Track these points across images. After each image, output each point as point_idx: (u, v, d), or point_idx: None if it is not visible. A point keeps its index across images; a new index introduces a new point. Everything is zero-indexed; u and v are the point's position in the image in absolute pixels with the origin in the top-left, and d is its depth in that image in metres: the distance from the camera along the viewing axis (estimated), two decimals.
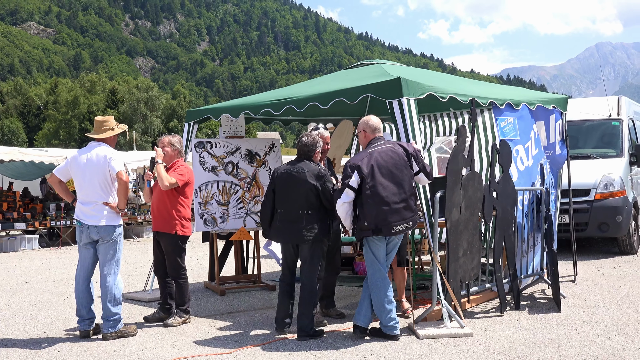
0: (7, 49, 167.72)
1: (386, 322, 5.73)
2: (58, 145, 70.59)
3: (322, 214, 5.98)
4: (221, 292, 8.34)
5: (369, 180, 5.66)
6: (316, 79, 9.29)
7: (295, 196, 5.94)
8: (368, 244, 5.85)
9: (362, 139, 6.04)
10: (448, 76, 9.28)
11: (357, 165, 5.70)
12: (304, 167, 5.98)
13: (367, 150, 5.86)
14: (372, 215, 5.64)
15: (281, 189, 6.03)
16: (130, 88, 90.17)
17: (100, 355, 5.61)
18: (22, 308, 7.90)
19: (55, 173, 6.37)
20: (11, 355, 5.69)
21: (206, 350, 5.68)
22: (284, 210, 6.01)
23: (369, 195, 5.65)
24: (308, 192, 5.91)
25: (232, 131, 8.71)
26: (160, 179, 6.55)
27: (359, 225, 5.74)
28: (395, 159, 5.76)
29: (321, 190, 5.91)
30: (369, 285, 5.84)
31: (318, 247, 6.01)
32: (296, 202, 5.94)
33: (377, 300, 5.75)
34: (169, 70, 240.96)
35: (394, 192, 5.69)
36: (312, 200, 5.93)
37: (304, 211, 5.92)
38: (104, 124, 6.39)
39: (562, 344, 5.51)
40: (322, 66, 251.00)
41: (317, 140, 6.10)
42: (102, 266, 6.22)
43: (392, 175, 5.71)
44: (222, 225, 8.37)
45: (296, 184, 5.95)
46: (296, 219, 5.93)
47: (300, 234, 5.91)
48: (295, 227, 5.93)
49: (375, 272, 5.81)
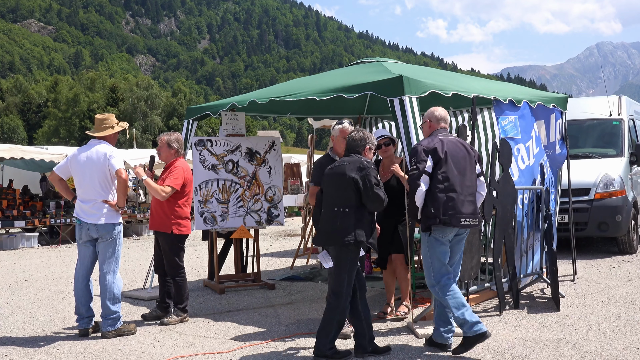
0: (8, 46, 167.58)
1: (470, 318, 5.18)
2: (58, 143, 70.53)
3: (361, 213, 5.21)
4: (220, 291, 8.33)
5: (442, 165, 5.27)
6: (317, 75, 9.27)
7: (334, 191, 5.32)
8: (431, 238, 5.36)
9: (426, 130, 5.66)
10: (450, 73, 9.28)
11: (432, 149, 5.28)
12: (346, 160, 5.34)
13: (433, 137, 5.45)
14: (442, 203, 5.22)
15: (324, 187, 5.46)
16: (131, 86, 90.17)
17: (99, 353, 5.61)
18: (22, 306, 7.90)
19: (56, 171, 6.37)
20: (10, 353, 5.69)
21: (205, 348, 5.68)
22: (325, 209, 5.38)
23: (441, 181, 5.25)
24: (346, 186, 5.21)
25: (233, 129, 8.70)
26: (155, 193, 6.55)
27: (425, 212, 5.26)
28: (463, 152, 5.42)
29: (361, 184, 5.16)
30: (440, 286, 5.32)
31: (348, 252, 5.19)
32: (334, 198, 5.31)
33: (455, 299, 5.26)
34: (169, 68, 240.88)
35: (464, 184, 5.34)
36: (350, 196, 5.19)
37: (339, 209, 5.23)
38: (104, 121, 6.39)
39: (561, 344, 5.51)
40: (323, 64, 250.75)
41: (367, 135, 5.54)
42: (102, 264, 6.22)
43: (462, 166, 5.36)
44: (221, 223, 8.36)
45: (335, 178, 5.30)
46: (331, 218, 5.27)
47: (331, 235, 5.24)
48: (329, 227, 5.27)
49: (445, 273, 5.35)
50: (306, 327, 6.37)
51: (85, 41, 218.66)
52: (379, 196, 5.16)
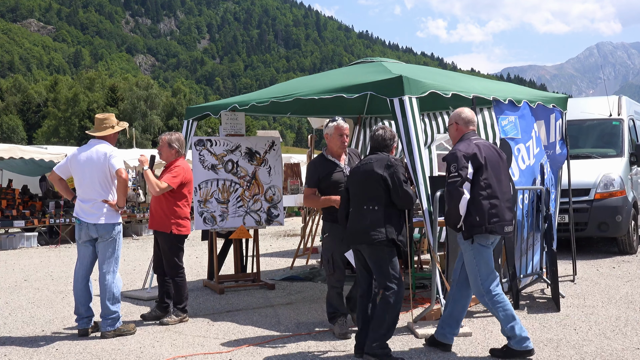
0: (7, 45, 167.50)
1: (520, 332, 5.08)
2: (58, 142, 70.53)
3: (391, 211, 5.16)
4: (220, 291, 8.33)
5: (483, 172, 5.14)
6: (317, 75, 9.26)
7: (361, 190, 5.23)
8: (475, 244, 5.19)
9: (454, 133, 5.49)
10: (450, 72, 9.27)
11: (472, 155, 5.13)
12: (373, 157, 5.26)
13: (469, 141, 5.29)
14: (486, 211, 5.09)
15: (351, 185, 5.35)
16: (130, 86, 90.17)
17: (98, 353, 5.60)
18: (21, 306, 7.90)
19: (56, 170, 6.37)
20: (9, 353, 5.68)
21: (205, 349, 5.67)
22: (353, 208, 5.30)
23: (483, 188, 5.11)
24: (374, 183, 5.14)
25: (232, 129, 8.70)
26: (151, 186, 6.54)
27: (469, 221, 5.10)
28: (496, 156, 5.30)
29: (390, 181, 5.10)
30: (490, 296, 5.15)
31: (383, 249, 5.12)
32: (361, 196, 5.22)
33: (506, 311, 5.12)
34: (169, 68, 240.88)
35: (502, 190, 5.23)
36: (379, 194, 5.13)
37: (369, 206, 5.15)
38: (104, 121, 6.38)
39: (561, 344, 5.50)
40: (323, 64, 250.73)
41: (394, 134, 5.42)
42: (101, 264, 6.21)
43: (498, 172, 5.25)
44: (221, 223, 8.36)
45: (363, 175, 5.22)
46: (360, 217, 5.20)
47: (361, 234, 5.16)
48: (359, 226, 5.19)
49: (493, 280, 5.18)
50: (306, 327, 6.36)
51: (85, 41, 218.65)
52: (408, 193, 5.11)
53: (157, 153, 7.04)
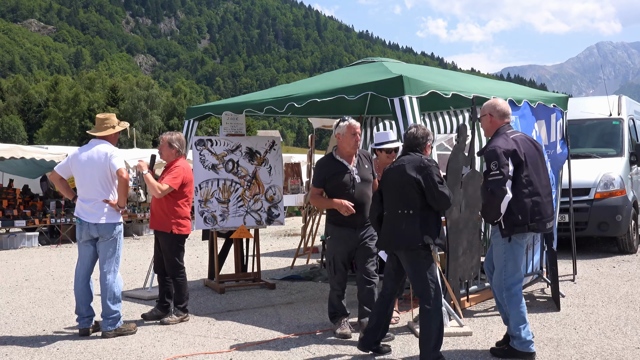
0: (8, 46, 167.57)
1: (526, 336, 5.07)
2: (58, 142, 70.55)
3: (426, 214, 4.99)
4: (221, 290, 8.34)
5: (524, 169, 5.04)
6: (318, 76, 9.29)
7: (395, 193, 5.08)
8: (512, 244, 5.12)
9: (487, 125, 5.37)
10: (450, 72, 9.28)
11: (512, 151, 5.02)
12: (405, 159, 5.08)
13: (506, 136, 5.18)
14: (528, 209, 5.02)
15: (384, 188, 5.21)
16: (131, 85, 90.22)
17: (99, 353, 5.61)
18: (22, 305, 7.91)
19: (57, 170, 6.37)
20: (10, 352, 5.69)
21: (205, 348, 5.68)
22: (388, 212, 5.15)
23: (525, 185, 5.02)
24: (407, 186, 4.97)
25: (233, 129, 8.70)
26: (152, 189, 6.55)
27: (511, 220, 5.02)
28: (534, 150, 5.20)
29: (424, 184, 4.93)
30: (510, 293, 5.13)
31: (420, 255, 4.98)
32: (395, 200, 5.06)
33: (519, 311, 5.10)
34: (169, 67, 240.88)
35: (543, 184, 5.15)
36: (413, 197, 4.96)
37: (403, 210, 4.99)
38: (105, 121, 6.39)
39: (561, 343, 5.51)
40: (323, 64, 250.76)
41: (428, 132, 5.24)
42: (102, 264, 6.22)
43: (537, 166, 5.16)
44: (222, 223, 8.37)
45: (396, 179, 5.06)
46: (395, 221, 5.04)
47: (397, 239, 5.02)
48: (394, 231, 5.04)
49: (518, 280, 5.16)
50: (306, 326, 6.37)
51: (86, 41, 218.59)
52: (444, 195, 4.93)
53: (158, 153, 7.05)
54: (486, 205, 5.11)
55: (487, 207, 5.12)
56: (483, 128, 5.49)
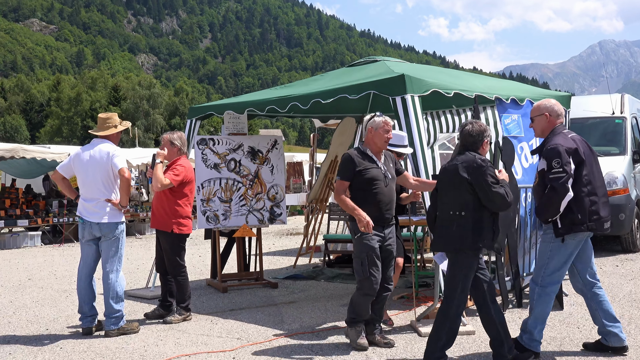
0: (10, 45, 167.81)
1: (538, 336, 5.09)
2: (61, 142, 70.68)
3: (479, 216, 4.81)
4: (223, 290, 8.34)
5: (584, 168, 4.98)
6: (320, 75, 9.29)
7: (447, 194, 4.93)
8: (564, 244, 5.07)
9: (544, 124, 5.25)
10: (452, 71, 9.26)
11: (573, 150, 4.96)
12: (459, 159, 4.92)
13: (564, 135, 5.11)
14: (587, 208, 4.95)
15: (439, 188, 5.07)
16: (133, 85, 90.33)
17: (102, 352, 5.61)
18: (25, 305, 7.92)
19: (59, 170, 6.38)
20: (14, 352, 5.70)
21: (208, 347, 5.68)
22: (440, 213, 5.00)
23: (584, 184, 4.95)
24: (460, 187, 4.82)
25: (235, 128, 8.71)
26: (155, 179, 6.56)
27: (569, 218, 4.95)
28: (589, 150, 5.15)
29: (477, 185, 4.76)
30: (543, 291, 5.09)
31: (466, 258, 4.83)
32: (448, 200, 4.92)
33: (543, 311, 5.08)
34: (171, 67, 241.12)
35: (599, 185, 5.08)
36: (465, 198, 4.80)
37: (455, 212, 4.84)
38: (107, 121, 6.40)
39: (564, 342, 5.50)
40: (325, 63, 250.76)
41: (484, 128, 5.05)
42: (105, 263, 6.23)
43: (596, 166, 5.11)
44: (224, 222, 8.37)
45: (449, 179, 4.91)
46: (446, 223, 4.89)
47: (448, 240, 4.89)
48: (444, 232, 4.90)
49: (556, 281, 5.11)
50: (309, 325, 6.37)
51: (87, 40, 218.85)
52: (499, 194, 4.75)
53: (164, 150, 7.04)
54: (545, 203, 4.96)
55: (545, 205, 4.98)
56: (537, 128, 5.36)
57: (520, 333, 5.14)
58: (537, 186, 5.16)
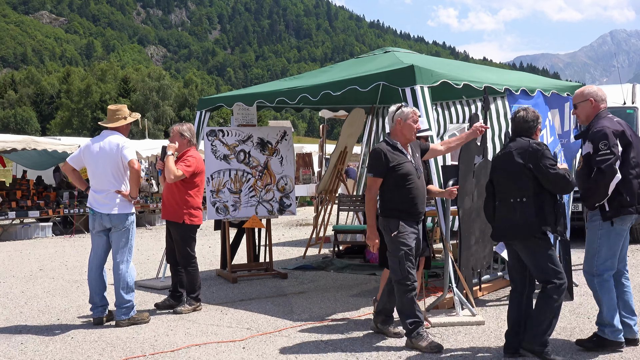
0: (20, 38, 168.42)
1: (617, 324, 4.97)
2: (71, 134, 70.96)
3: (541, 200, 4.77)
4: (233, 280, 8.37)
5: (631, 150, 4.85)
6: (329, 66, 9.28)
7: (506, 182, 4.89)
8: (613, 228, 4.92)
9: (588, 109, 5.13)
10: (462, 63, 9.23)
11: (620, 132, 4.84)
12: (512, 145, 4.88)
13: (610, 119, 5.00)
14: (635, 190, 4.82)
15: (494, 176, 5.02)
16: (143, 77, 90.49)
17: (113, 341, 5.65)
18: (36, 295, 7.97)
19: (69, 161, 6.40)
20: (25, 341, 5.75)
21: (218, 337, 5.71)
22: (499, 201, 4.96)
23: (632, 167, 4.83)
24: (518, 174, 4.78)
25: (244, 119, 8.71)
26: (167, 171, 6.57)
27: (618, 201, 4.82)
28: (635, 134, 5.01)
29: (536, 170, 4.72)
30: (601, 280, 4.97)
31: (538, 243, 4.76)
32: (507, 188, 4.88)
33: (611, 298, 4.97)
34: (180, 58, 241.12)
35: None
36: (525, 184, 4.76)
37: (516, 199, 4.80)
38: (116, 112, 6.41)
39: (574, 332, 5.50)
40: (334, 54, 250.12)
41: (538, 114, 4.99)
42: (115, 254, 6.26)
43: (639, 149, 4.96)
44: (234, 213, 8.39)
45: (505, 167, 4.87)
46: (508, 211, 4.84)
47: (512, 229, 4.83)
48: (508, 220, 4.85)
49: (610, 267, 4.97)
50: (319, 316, 6.38)
51: (97, 32, 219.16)
52: (560, 176, 4.69)
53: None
54: (591, 186, 4.81)
55: (592, 189, 4.83)
56: (581, 114, 5.24)
57: (601, 328, 5.00)
58: (580, 171, 5.03)
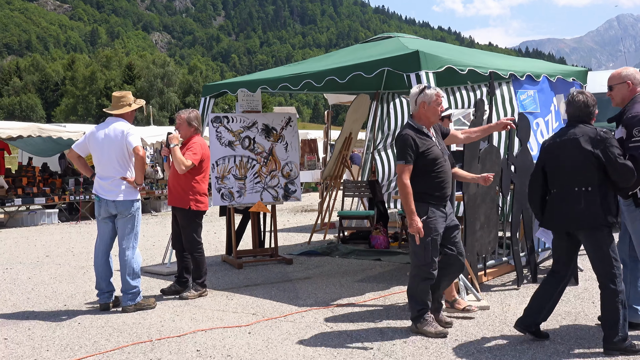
0: (25, 25, 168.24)
1: None
2: (76, 120, 71.05)
3: (605, 191, 4.62)
4: (238, 266, 8.40)
5: None
6: (333, 52, 9.25)
7: (569, 170, 4.68)
8: None
9: (625, 92, 5.06)
10: (467, 49, 9.20)
11: None
12: (576, 132, 4.69)
13: None
14: None
15: (552, 165, 4.79)
16: (147, 63, 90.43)
17: (119, 327, 5.69)
18: (43, 281, 8.02)
19: (74, 148, 6.41)
20: (33, 327, 5.79)
21: (224, 322, 5.74)
22: (557, 190, 4.76)
23: None
24: (585, 162, 4.59)
25: (249, 106, 8.71)
26: (177, 163, 6.57)
27: None
28: None
29: (603, 158, 4.55)
30: None
31: (603, 234, 4.61)
32: (570, 177, 4.67)
33: None
34: (185, 45, 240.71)
35: None
36: (592, 173, 4.59)
37: (581, 188, 4.62)
38: (121, 99, 6.41)
39: (579, 317, 5.50)
40: (339, 40, 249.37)
41: (595, 99, 4.84)
42: (121, 240, 6.28)
43: None
44: (239, 199, 8.40)
45: (567, 154, 4.68)
46: (572, 199, 4.65)
47: (578, 218, 4.63)
48: (571, 210, 4.66)
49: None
50: (324, 301, 6.40)
51: (101, 19, 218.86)
52: (627, 167, 4.53)
53: (175, 130, 7.06)
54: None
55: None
56: (616, 97, 5.11)
57: None
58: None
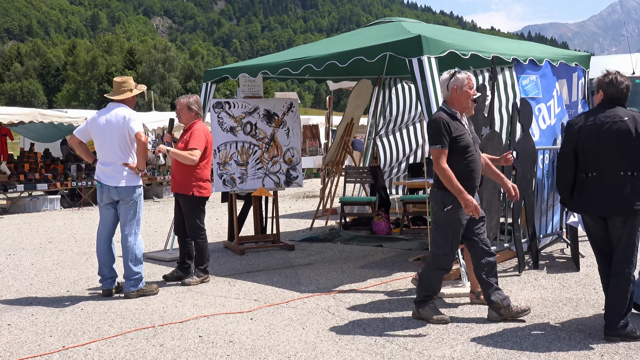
0: (25, 10, 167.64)
1: None
2: (77, 106, 70.98)
3: None
4: (240, 252, 8.42)
5: None
6: (335, 37, 9.21)
7: (613, 153, 4.53)
8: None
9: None
10: (469, 33, 9.14)
11: None
12: (622, 115, 4.54)
13: None
14: None
15: (590, 147, 4.60)
16: (148, 48, 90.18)
17: (122, 313, 5.71)
18: (46, 267, 8.04)
19: (76, 134, 6.40)
20: (36, 312, 5.81)
21: (226, 308, 5.76)
22: (597, 174, 4.60)
23: None
24: (631, 146, 4.46)
25: (250, 91, 8.68)
26: (185, 159, 6.55)
27: None
28: None
29: None
30: None
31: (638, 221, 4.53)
32: (615, 160, 4.52)
33: None
34: (186, 30, 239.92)
35: None
36: (637, 157, 4.48)
37: (627, 172, 4.48)
38: (122, 85, 6.39)
39: (580, 303, 5.51)
40: (340, 25, 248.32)
41: (630, 82, 4.67)
42: (123, 226, 6.29)
43: None
44: (240, 185, 8.40)
45: (612, 137, 4.52)
46: (616, 184, 4.51)
47: (622, 202, 4.50)
48: (615, 194, 4.52)
49: None
50: (326, 287, 6.42)
51: (102, 4, 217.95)
52: None
53: (176, 116, 7.06)
54: None
55: None
56: None
57: None
58: None
